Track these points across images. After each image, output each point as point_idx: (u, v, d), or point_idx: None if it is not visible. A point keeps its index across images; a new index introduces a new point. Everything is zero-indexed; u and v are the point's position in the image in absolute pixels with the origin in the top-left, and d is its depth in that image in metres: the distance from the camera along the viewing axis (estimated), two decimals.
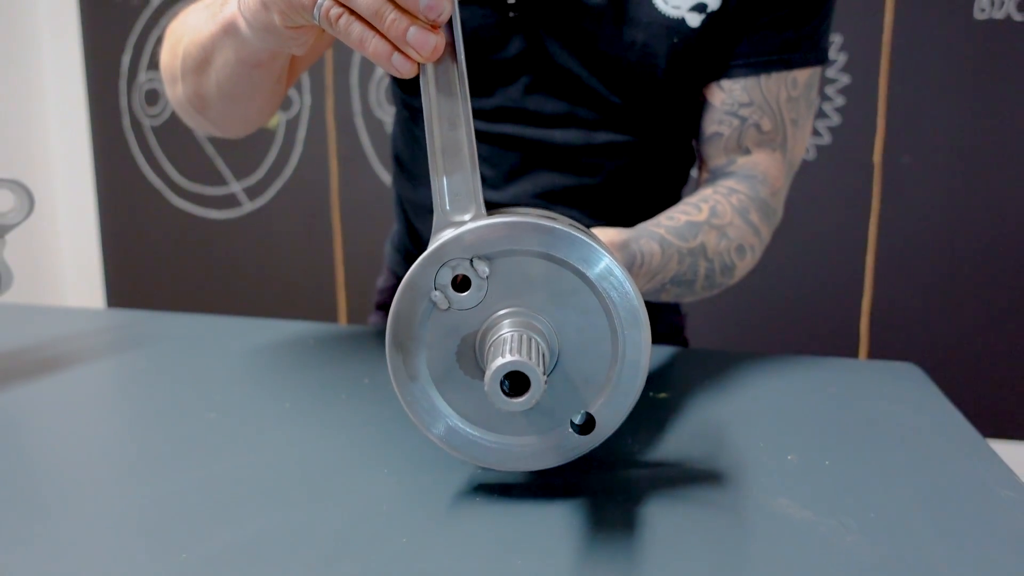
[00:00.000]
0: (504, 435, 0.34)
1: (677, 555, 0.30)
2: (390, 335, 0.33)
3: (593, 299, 0.33)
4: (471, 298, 0.33)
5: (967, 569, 0.29)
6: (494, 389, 0.29)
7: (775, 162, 0.60)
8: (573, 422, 0.34)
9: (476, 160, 0.34)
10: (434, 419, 0.34)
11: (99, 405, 0.50)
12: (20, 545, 0.31)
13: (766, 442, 0.42)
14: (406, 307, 0.33)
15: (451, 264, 0.32)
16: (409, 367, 0.33)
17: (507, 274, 0.32)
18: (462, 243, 0.32)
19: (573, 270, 0.32)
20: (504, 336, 0.31)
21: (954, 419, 0.46)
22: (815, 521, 0.33)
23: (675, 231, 0.53)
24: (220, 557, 0.30)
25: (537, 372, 0.29)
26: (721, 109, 0.60)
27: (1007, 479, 0.37)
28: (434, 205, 0.34)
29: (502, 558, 0.30)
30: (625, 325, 0.33)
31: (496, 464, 0.35)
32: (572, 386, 0.34)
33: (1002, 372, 1.61)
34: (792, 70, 0.59)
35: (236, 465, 0.39)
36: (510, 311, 0.33)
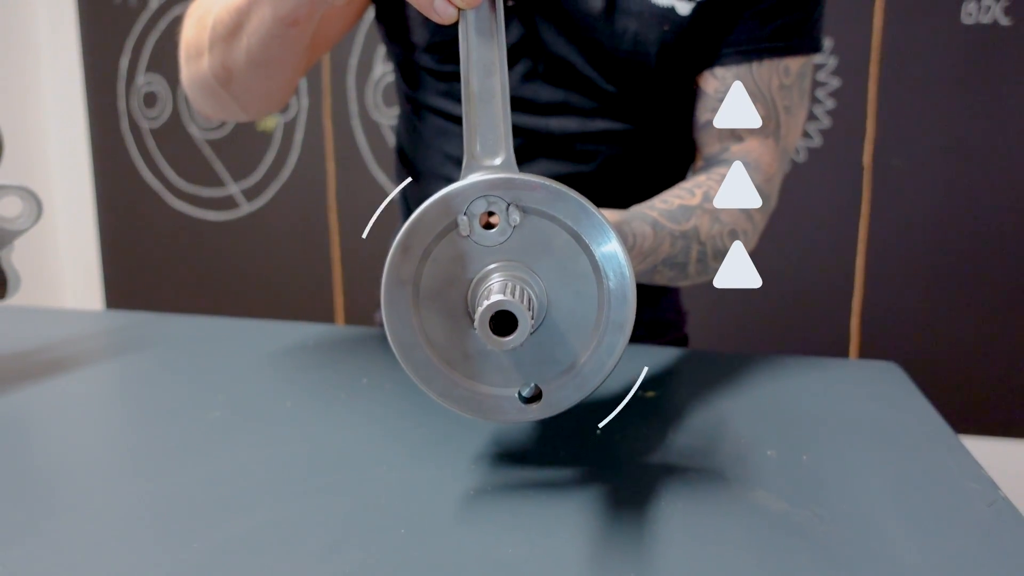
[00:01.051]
0: (471, 380, 0.35)
1: (658, 543, 0.32)
2: (403, 234, 0.33)
3: (593, 284, 0.34)
4: (491, 237, 0.33)
5: (931, 555, 0.31)
6: (483, 325, 0.30)
7: (768, 149, 0.61)
8: (521, 394, 0.35)
9: (508, 107, 0.35)
10: (410, 338, 0.34)
11: (104, 405, 0.52)
12: (34, 538, 0.33)
13: (747, 438, 0.44)
14: (430, 217, 0.33)
15: (489, 199, 0.33)
16: (404, 270, 0.34)
17: (531, 231, 0.33)
18: (508, 185, 0.33)
19: (588, 254, 0.33)
20: (497, 281, 0.32)
21: (929, 415, 0.48)
22: (790, 512, 0.35)
23: (668, 214, 0.54)
24: (229, 546, 0.32)
25: (523, 310, 0.30)
26: (714, 97, 0.62)
27: (974, 472, 0.39)
28: (465, 149, 0.35)
29: (496, 548, 0.32)
30: (613, 308, 0.34)
31: (460, 406, 0.35)
32: (554, 343, 0.34)
33: (991, 371, 1.63)
34: (784, 58, 0.60)
35: (241, 461, 0.41)
36: (507, 264, 0.33)
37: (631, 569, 0.30)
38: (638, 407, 0.49)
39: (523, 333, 0.30)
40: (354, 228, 1.98)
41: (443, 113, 0.67)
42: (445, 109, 0.67)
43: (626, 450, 0.42)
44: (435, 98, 0.67)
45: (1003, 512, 0.35)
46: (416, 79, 0.68)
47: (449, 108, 0.67)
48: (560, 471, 0.39)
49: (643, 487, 0.37)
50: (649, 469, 0.40)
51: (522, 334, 0.30)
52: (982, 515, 0.35)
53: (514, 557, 0.31)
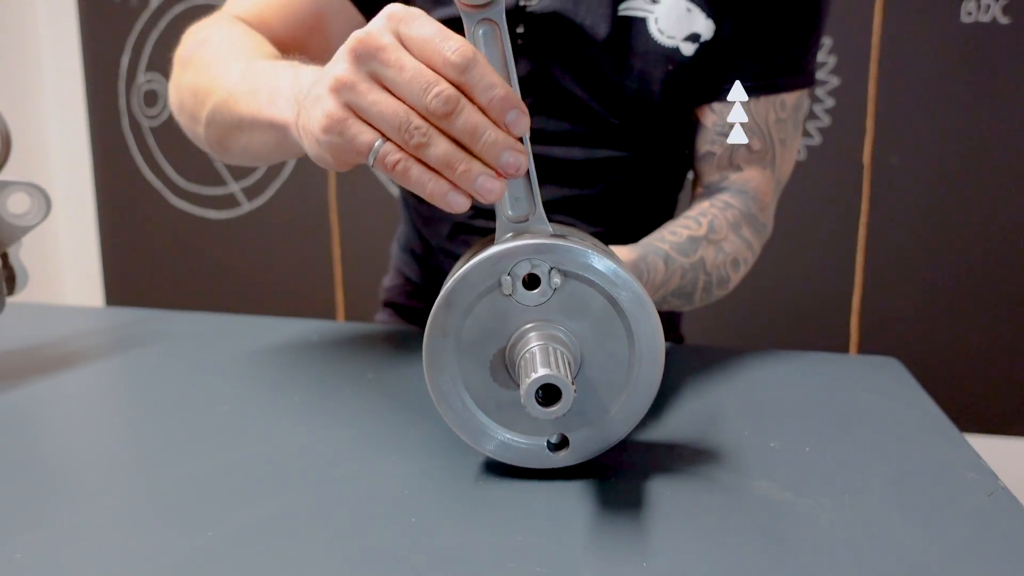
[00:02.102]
0: (505, 428, 0.37)
1: (664, 531, 0.33)
2: (447, 290, 0.35)
3: (625, 345, 0.36)
4: (532, 298, 0.35)
5: (931, 542, 0.32)
6: (530, 397, 0.32)
7: (765, 179, 0.64)
8: (549, 441, 0.37)
9: (533, 164, 0.36)
10: (449, 387, 0.36)
11: (113, 398, 0.53)
12: (51, 525, 0.33)
13: (751, 430, 0.45)
14: (476, 276, 0.35)
15: (533, 262, 0.35)
16: (447, 323, 0.35)
17: (569, 294, 0.35)
18: (551, 250, 0.35)
19: (622, 318, 0.36)
20: (537, 345, 0.34)
21: (928, 408, 0.49)
22: (793, 501, 0.36)
23: (678, 247, 0.56)
24: (243, 534, 0.32)
25: (568, 384, 0.31)
26: (713, 130, 0.63)
27: (973, 463, 0.40)
28: (496, 209, 0.36)
29: (505, 535, 0.32)
30: (644, 368, 0.36)
31: (491, 451, 0.38)
32: (584, 398, 0.37)
33: (989, 369, 1.64)
34: (780, 93, 0.62)
35: (252, 452, 0.41)
36: (544, 324, 0.35)
37: (639, 556, 0.31)
38: None
39: (566, 405, 0.32)
40: (355, 227, 1.98)
41: None
42: None
43: (630, 442, 0.43)
44: None
45: (1003, 502, 0.36)
46: None
47: None
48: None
49: (648, 477, 0.38)
50: (654, 460, 0.40)
51: (565, 406, 0.32)
52: (982, 505, 0.35)
53: (523, 544, 0.32)
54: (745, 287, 0.62)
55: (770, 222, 0.66)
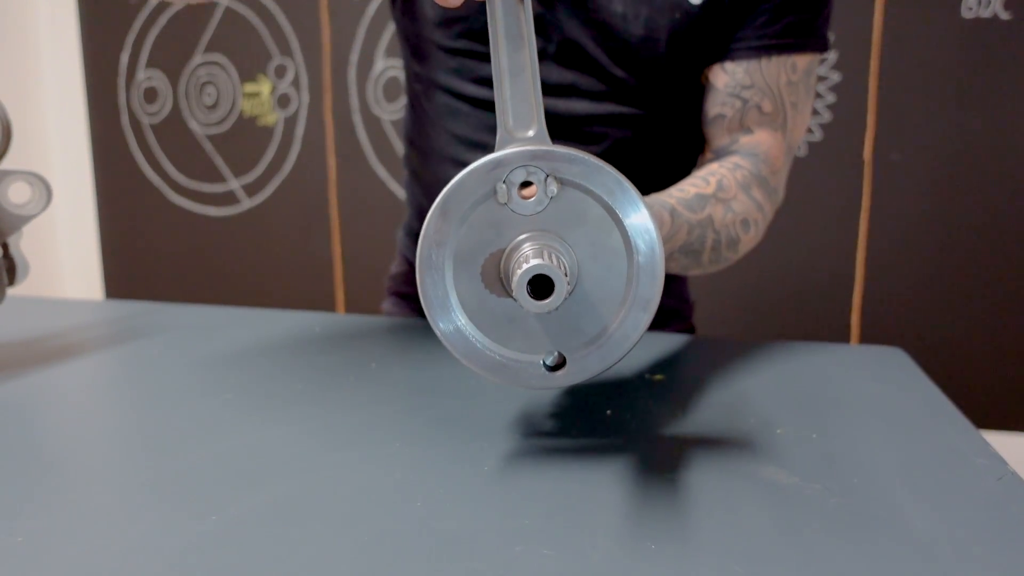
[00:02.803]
0: (499, 345, 0.35)
1: (674, 516, 0.33)
2: (443, 198, 0.34)
3: (623, 259, 0.34)
4: (528, 207, 0.34)
5: (940, 526, 0.32)
6: (521, 288, 0.31)
7: (776, 142, 0.62)
8: (545, 362, 0.35)
9: (539, 80, 0.36)
10: (442, 299, 0.35)
11: (116, 389, 0.52)
12: (56, 511, 0.33)
13: (756, 418, 0.44)
14: (471, 183, 0.34)
15: (529, 169, 0.33)
16: (441, 232, 0.34)
17: (566, 203, 0.34)
18: (548, 156, 0.33)
19: (621, 229, 0.34)
20: (533, 248, 0.32)
21: (935, 397, 0.49)
22: (801, 486, 0.35)
23: (685, 203, 0.55)
24: (247, 519, 0.32)
25: (561, 276, 0.30)
26: (724, 91, 0.62)
27: (982, 448, 0.40)
28: (498, 123, 0.35)
29: (509, 519, 0.32)
30: (642, 283, 0.34)
31: (484, 370, 0.36)
32: (581, 314, 0.35)
33: (989, 363, 1.64)
34: (792, 54, 0.61)
35: (256, 439, 0.41)
36: (541, 233, 0.34)
37: (646, 539, 0.31)
38: (648, 389, 0.49)
39: (559, 296, 0.31)
40: (355, 223, 1.98)
41: (451, 91, 0.67)
42: (454, 87, 0.67)
43: (637, 429, 0.42)
44: (444, 75, 0.67)
45: (1012, 486, 0.35)
46: (425, 55, 0.68)
47: (458, 86, 0.67)
48: (573, 448, 0.40)
49: (655, 464, 0.38)
50: (661, 447, 0.40)
51: (559, 297, 0.31)
52: (991, 488, 0.35)
53: (530, 528, 0.31)
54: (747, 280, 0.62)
55: (782, 187, 0.64)
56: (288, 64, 1.96)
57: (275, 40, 1.96)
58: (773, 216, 0.64)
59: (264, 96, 1.99)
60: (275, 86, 1.98)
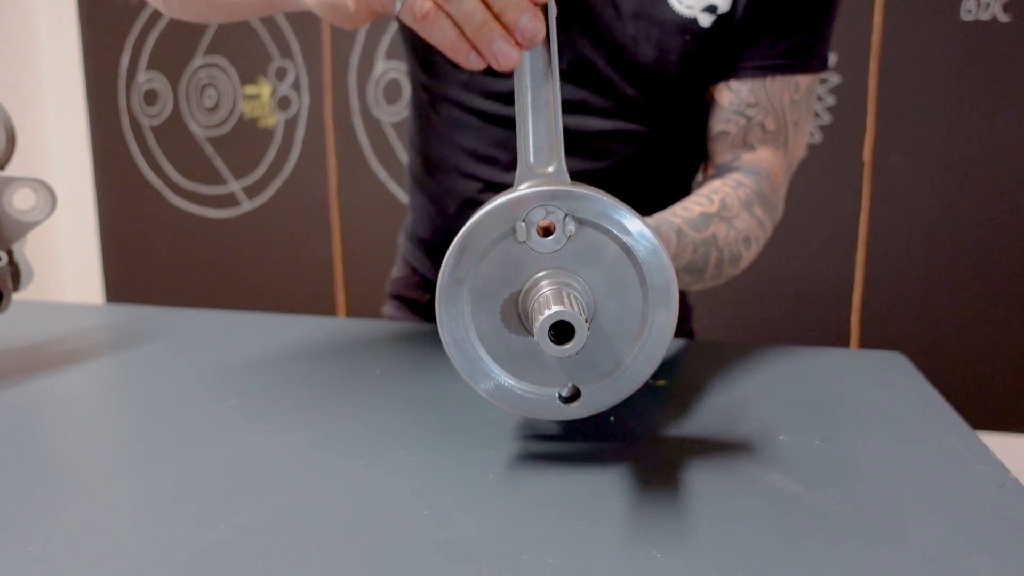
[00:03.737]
0: (516, 378, 0.37)
1: (678, 523, 0.33)
2: (462, 235, 0.35)
3: (639, 295, 0.35)
4: (547, 245, 0.35)
5: (942, 532, 0.32)
6: (543, 334, 0.31)
7: (778, 159, 0.64)
8: (560, 395, 0.36)
9: (560, 116, 0.36)
10: (460, 326, 0.36)
11: (122, 394, 0.53)
12: (64, 519, 0.33)
13: (760, 424, 0.45)
14: (491, 221, 0.34)
15: (548, 208, 0.34)
16: (461, 269, 0.35)
17: (584, 241, 0.35)
18: (567, 197, 0.34)
19: (636, 267, 0.35)
20: (551, 289, 0.33)
21: (936, 402, 0.49)
22: (804, 493, 0.36)
23: (690, 222, 0.56)
24: (255, 527, 0.32)
25: (582, 322, 0.31)
26: (729, 108, 0.63)
27: (983, 455, 0.40)
28: (518, 159, 0.36)
29: (515, 526, 0.32)
30: (656, 319, 0.35)
31: (503, 402, 0.37)
32: (596, 349, 0.36)
33: (989, 365, 1.64)
34: (795, 75, 0.62)
35: (263, 446, 0.41)
36: (558, 271, 0.35)
37: (651, 547, 0.31)
38: (650, 395, 0.50)
39: (580, 342, 0.31)
40: (355, 225, 1.98)
41: (460, 104, 0.68)
42: (463, 101, 0.68)
43: (641, 435, 0.43)
44: (453, 88, 0.68)
45: (1014, 493, 0.36)
46: (435, 68, 0.69)
47: (467, 100, 0.67)
48: (576, 454, 0.40)
49: (659, 471, 0.38)
50: (665, 453, 0.40)
51: (579, 343, 0.31)
52: (993, 495, 0.35)
53: (536, 536, 0.32)
54: (748, 283, 0.63)
55: (781, 204, 0.65)
56: (288, 66, 1.96)
57: (275, 42, 1.96)
58: (772, 231, 0.65)
59: (264, 98, 1.99)
60: (275, 88, 1.98)
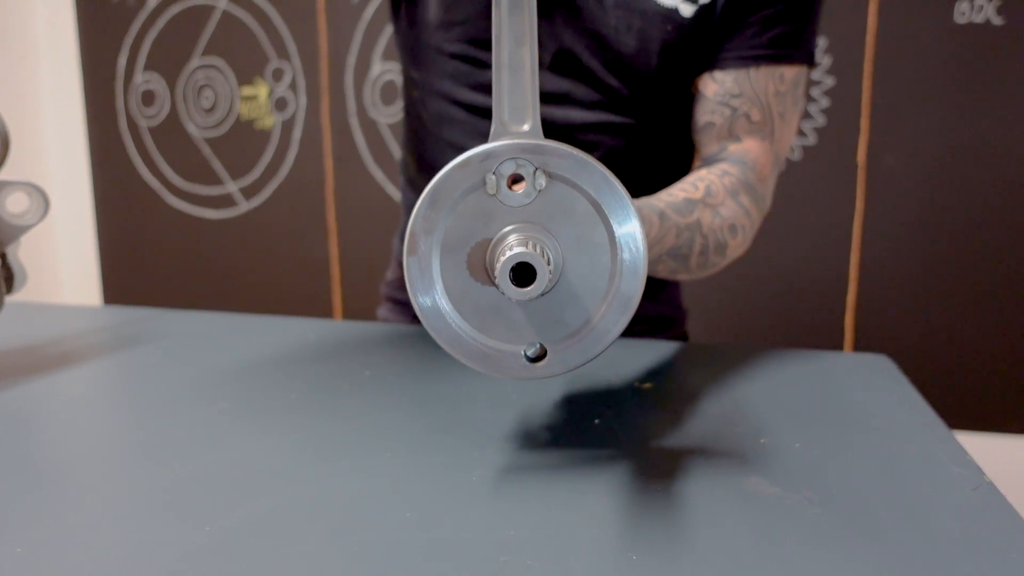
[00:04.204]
0: (482, 333, 0.36)
1: (656, 526, 0.33)
2: (433, 186, 0.34)
3: (607, 255, 0.35)
4: (516, 199, 0.34)
5: (917, 535, 0.33)
6: (504, 275, 0.31)
7: (764, 150, 0.64)
8: (526, 353, 0.36)
9: (537, 77, 0.36)
10: (427, 286, 0.35)
11: (112, 397, 0.53)
12: (52, 522, 0.34)
13: (742, 427, 0.45)
14: (461, 173, 0.34)
15: (519, 161, 0.34)
16: (429, 220, 0.35)
17: (554, 197, 0.34)
18: (538, 150, 0.34)
19: (606, 226, 0.35)
20: (518, 237, 0.33)
21: (917, 405, 0.50)
22: (782, 496, 0.36)
23: (674, 206, 0.56)
24: (241, 529, 0.33)
25: (543, 264, 0.31)
26: (713, 99, 0.64)
27: (960, 458, 0.41)
28: (493, 116, 0.36)
29: (496, 529, 0.33)
30: (624, 280, 0.35)
31: (466, 357, 0.36)
32: (564, 306, 0.36)
33: (983, 366, 1.65)
34: (780, 65, 0.62)
35: (250, 449, 0.42)
36: (527, 225, 0.35)
37: (628, 550, 0.31)
38: (635, 398, 0.50)
39: (541, 284, 0.31)
40: (352, 226, 1.99)
41: (448, 97, 0.68)
42: (451, 93, 0.68)
43: (624, 438, 0.43)
44: (442, 81, 0.68)
45: (987, 495, 0.36)
46: (424, 60, 0.69)
47: (455, 92, 0.68)
48: (560, 458, 0.41)
49: (641, 472, 0.39)
50: (647, 457, 0.41)
51: (540, 285, 0.31)
52: (967, 498, 0.36)
53: (515, 538, 0.32)
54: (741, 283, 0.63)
55: (769, 195, 0.65)
56: (285, 67, 1.97)
57: (272, 43, 1.97)
58: (760, 223, 0.65)
59: (261, 99, 2.00)
60: (272, 89, 1.98)
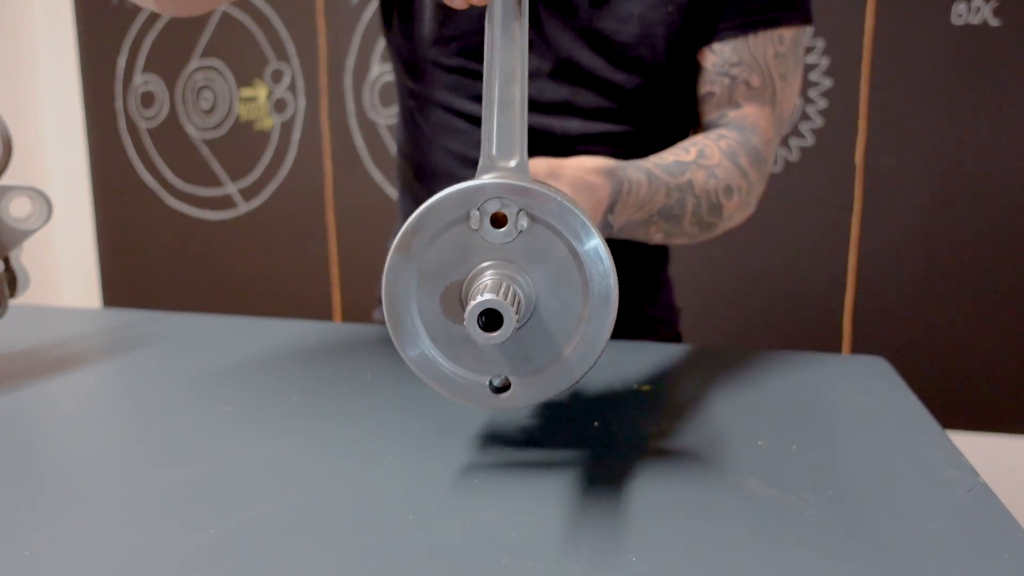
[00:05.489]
0: (451, 361, 0.37)
1: (654, 527, 0.34)
2: (417, 215, 0.35)
3: (579, 299, 0.36)
4: (497, 236, 0.35)
5: (912, 537, 0.33)
6: (472, 319, 0.32)
7: (764, 115, 0.64)
8: (492, 383, 0.37)
9: (526, 112, 0.37)
10: (406, 303, 0.36)
11: (114, 400, 0.54)
12: (56, 524, 0.34)
13: (740, 429, 0.46)
14: (445, 206, 0.35)
15: (504, 201, 0.35)
16: (412, 247, 0.36)
17: (534, 238, 0.35)
18: (524, 193, 0.35)
19: (581, 272, 0.36)
20: (491, 278, 0.34)
21: (913, 407, 0.50)
22: (779, 497, 0.37)
23: (663, 167, 0.56)
24: (245, 532, 0.33)
25: (511, 312, 0.32)
26: (712, 70, 0.64)
27: (955, 460, 0.41)
28: (482, 149, 0.37)
29: (499, 531, 0.34)
30: (593, 325, 0.36)
31: (435, 382, 0.37)
32: (532, 344, 0.37)
33: (981, 367, 1.65)
34: (778, 27, 0.62)
35: (252, 452, 0.42)
36: (504, 263, 0.36)
37: (627, 552, 0.32)
38: (634, 400, 0.51)
39: (506, 332, 0.32)
40: (351, 227, 1.99)
41: (447, 107, 0.68)
42: (450, 104, 0.68)
43: (623, 440, 0.44)
44: (440, 92, 0.68)
45: (982, 497, 0.37)
46: (421, 73, 0.69)
47: (454, 103, 0.68)
48: (560, 460, 0.41)
49: (637, 474, 0.39)
50: (646, 458, 0.41)
51: (505, 333, 0.32)
52: (961, 500, 0.37)
53: (516, 540, 0.33)
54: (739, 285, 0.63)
55: (771, 156, 0.65)
56: (284, 69, 1.97)
57: (271, 45, 1.97)
58: (763, 187, 0.65)
59: (260, 100, 2.00)
60: (271, 91, 1.99)
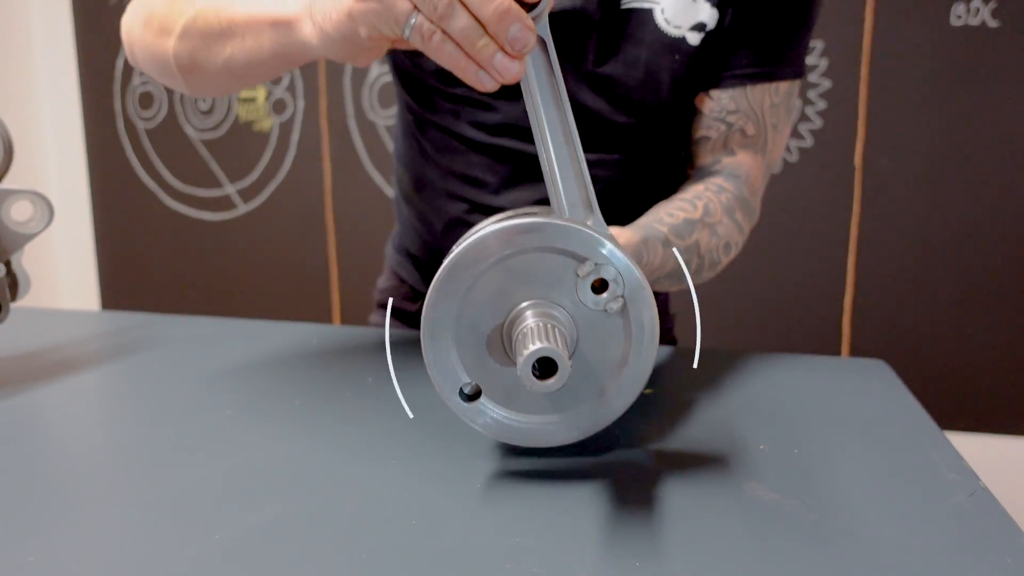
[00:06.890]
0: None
1: (658, 531, 0.34)
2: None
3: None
4: (589, 300, 0.37)
5: (913, 540, 0.33)
6: (526, 374, 0.32)
7: (756, 163, 0.65)
8: (462, 390, 0.38)
9: (585, 169, 0.39)
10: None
11: (117, 404, 0.54)
12: (61, 528, 0.34)
13: (741, 433, 0.46)
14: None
15: (605, 269, 0.36)
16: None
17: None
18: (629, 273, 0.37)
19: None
20: (531, 324, 0.35)
21: (913, 410, 0.50)
22: (781, 502, 0.37)
23: (675, 230, 0.57)
24: (249, 537, 0.33)
25: (564, 358, 0.32)
26: (709, 116, 0.65)
27: (955, 464, 0.41)
28: (554, 209, 0.38)
29: (504, 536, 0.34)
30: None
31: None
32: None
33: (981, 368, 1.66)
34: (775, 81, 0.64)
35: (256, 457, 0.42)
36: (536, 301, 0.36)
37: (631, 557, 0.32)
38: (636, 403, 0.51)
39: (562, 378, 0.33)
40: (350, 228, 1.99)
41: (448, 131, 0.68)
42: (451, 128, 0.68)
43: (625, 444, 0.44)
44: (441, 116, 0.68)
45: (982, 501, 0.37)
46: (422, 96, 0.69)
47: (455, 127, 0.68)
48: (562, 464, 0.41)
49: (642, 479, 0.39)
50: (648, 462, 0.42)
51: (561, 379, 0.33)
52: (962, 504, 0.37)
53: (520, 545, 0.33)
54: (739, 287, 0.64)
55: (759, 206, 0.67)
56: None
57: None
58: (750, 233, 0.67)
59: (259, 101, 2.00)
60: (270, 91, 1.99)
